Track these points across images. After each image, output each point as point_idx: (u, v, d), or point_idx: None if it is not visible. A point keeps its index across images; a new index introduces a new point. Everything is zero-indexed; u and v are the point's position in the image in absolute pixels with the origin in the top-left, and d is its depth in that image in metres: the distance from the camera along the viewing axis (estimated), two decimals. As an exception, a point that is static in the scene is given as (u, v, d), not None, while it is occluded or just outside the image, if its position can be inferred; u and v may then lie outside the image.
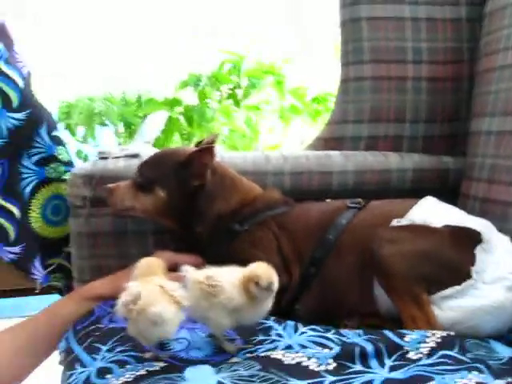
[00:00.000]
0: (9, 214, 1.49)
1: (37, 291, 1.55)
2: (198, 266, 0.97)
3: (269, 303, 0.93)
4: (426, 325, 1.02)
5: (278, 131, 2.61)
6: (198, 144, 1.38)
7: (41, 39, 2.60)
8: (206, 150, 1.23)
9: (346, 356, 0.91)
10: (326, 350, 0.92)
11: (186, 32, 2.87)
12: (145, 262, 0.98)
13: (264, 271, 0.91)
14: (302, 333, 0.99)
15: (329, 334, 0.98)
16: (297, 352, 0.91)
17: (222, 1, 3.07)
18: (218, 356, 0.94)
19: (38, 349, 1.17)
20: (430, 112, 1.58)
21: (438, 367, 0.87)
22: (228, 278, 0.91)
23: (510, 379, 0.82)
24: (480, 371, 0.85)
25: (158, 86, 2.53)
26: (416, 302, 1.04)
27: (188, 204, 1.26)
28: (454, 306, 1.04)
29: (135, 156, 1.41)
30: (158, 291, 0.89)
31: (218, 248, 1.23)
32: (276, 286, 0.90)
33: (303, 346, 0.94)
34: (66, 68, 2.66)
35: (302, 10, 3.21)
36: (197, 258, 1.23)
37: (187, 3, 3.02)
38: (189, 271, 0.94)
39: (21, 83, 1.50)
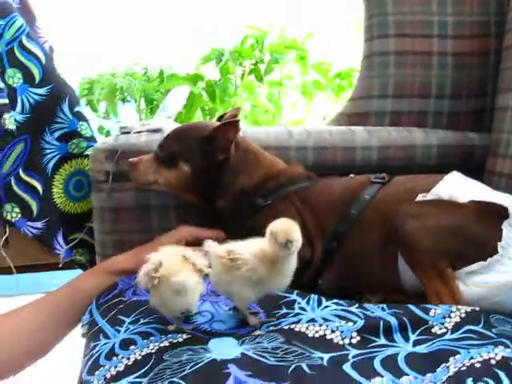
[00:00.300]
0: (31, 190, 1.51)
1: (60, 266, 1.57)
2: (220, 241, 0.97)
3: (291, 269, 0.92)
4: (450, 300, 1.01)
5: (300, 107, 2.60)
6: (221, 118, 1.38)
7: (63, 15, 2.60)
8: (231, 124, 1.22)
9: (369, 330, 0.90)
10: (350, 324, 0.91)
11: (208, 7, 2.85)
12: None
13: (283, 227, 0.88)
14: (326, 306, 0.99)
15: (352, 308, 0.97)
16: (320, 325, 0.91)
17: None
18: (241, 329, 0.94)
19: (61, 323, 1.17)
20: (456, 87, 1.56)
21: (463, 342, 0.87)
22: (250, 250, 0.90)
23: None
24: (506, 346, 0.84)
25: (180, 61, 2.53)
26: (441, 277, 1.03)
27: (212, 178, 1.25)
28: (480, 281, 1.03)
29: (157, 130, 1.41)
30: (180, 260, 0.89)
31: (241, 222, 1.23)
32: (297, 245, 0.87)
33: (327, 320, 0.93)
34: (89, 44, 2.66)
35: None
36: (219, 233, 1.23)
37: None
38: (211, 246, 0.93)
39: (43, 58, 1.51)
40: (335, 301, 1.01)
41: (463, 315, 0.93)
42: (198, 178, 1.26)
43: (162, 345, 0.89)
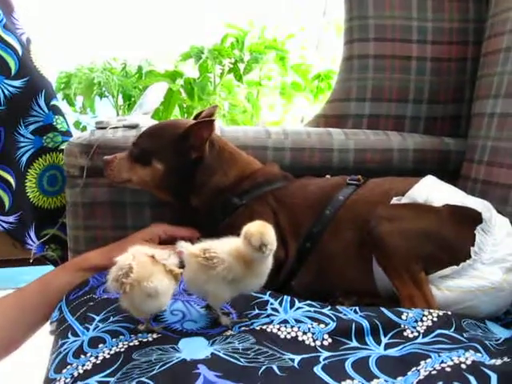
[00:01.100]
0: (4, 183, 1.48)
1: (30, 261, 1.54)
2: (194, 239, 0.96)
3: (266, 270, 0.91)
4: (423, 303, 1.01)
5: (279, 108, 2.59)
6: (197, 116, 1.37)
7: (42, 6, 2.56)
8: (205, 123, 1.21)
9: (341, 332, 0.90)
10: (322, 326, 0.91)
11: (189, 4, 2.83)
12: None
13: (258, 230, 0.87)
14: (298, 308, 0.98)
15: (325, 310, 0.97)
16: (292, 327, 0.90)
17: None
18: (212, 329, 0.93)
19: (29, 320, 1.15)
20: (433, 93, 1.57)
21: (434, 345, 0.87)
22: (225, 249, 0.90)
23: (506, 359, 0.81)
24: (476, 350, 0.85)
25: (159, 57, 2.51)
26: (414, 281, 1.03)
27: (185, 177, 1.24)
28: (452, 285, 1.03)
29: (134, 127, 1.40)
30: (150, 262, 0.88)
31: (216, 222, 1.22)
32: (271, 248, 0.87)
33: (299, 321, 0.93)
34: (67, 37, 2.63)
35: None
36: (193, 231, 1.22)
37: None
38: (184, 246, 0.92)
39: (20, 50, 1.48)
40: (308, 302, 1.00)
41: (435, 319, 0.94)
42: (172, 177, 1.24)
43: (131, 344, 0.88)
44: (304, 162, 1.44)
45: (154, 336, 0.90)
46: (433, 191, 1.14)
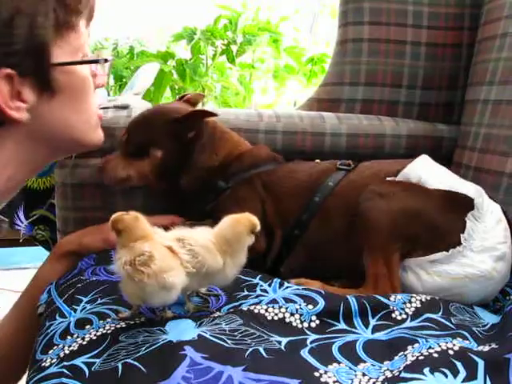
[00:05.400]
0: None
1: (20, 241, 1.54)
2: (176, 225, 0.94)
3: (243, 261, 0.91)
4: (387, 283, 1.01)
5: (271, 91, 2.57)
6: (182, 97, 1.37)
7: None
8: (207, 113, 1.25)
9: (329, 313, 0.89)
10: (310, 307, 0.90)
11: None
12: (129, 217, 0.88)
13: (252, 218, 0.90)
14: (288, 287, 0.98)
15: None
16: (280, 307, 0.89)
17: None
18: (199, 312, 0.92)
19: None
20: (428, 78, 1.56)
21: (421, 331, 0.87)
22: (199, 241, 0.88)
23: (493, 345, 0.81)
24: (464, 338, 0.84)
25: (151, 38, 2.49)
26: (385, 261, 1.03)
27: (182, 158, 1.24)
28: (441, 271, 1.03)
29: (124, 107, 1.38)
30: (169, 254, 0.84)
31: (202, 204, 1.22)
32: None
33: (288, 300, 0.92)
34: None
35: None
36: (174, 219, 1.20)
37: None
38: (158, 233, 0.89)
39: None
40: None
41: (423, 300, 0.94)
42: (170, 161, 1.24)
43: (118, 326, 0.87)
44: (296, 145, 1.43)
45: (142, 318, 0.89)
46: (427, 171, 1.12)
